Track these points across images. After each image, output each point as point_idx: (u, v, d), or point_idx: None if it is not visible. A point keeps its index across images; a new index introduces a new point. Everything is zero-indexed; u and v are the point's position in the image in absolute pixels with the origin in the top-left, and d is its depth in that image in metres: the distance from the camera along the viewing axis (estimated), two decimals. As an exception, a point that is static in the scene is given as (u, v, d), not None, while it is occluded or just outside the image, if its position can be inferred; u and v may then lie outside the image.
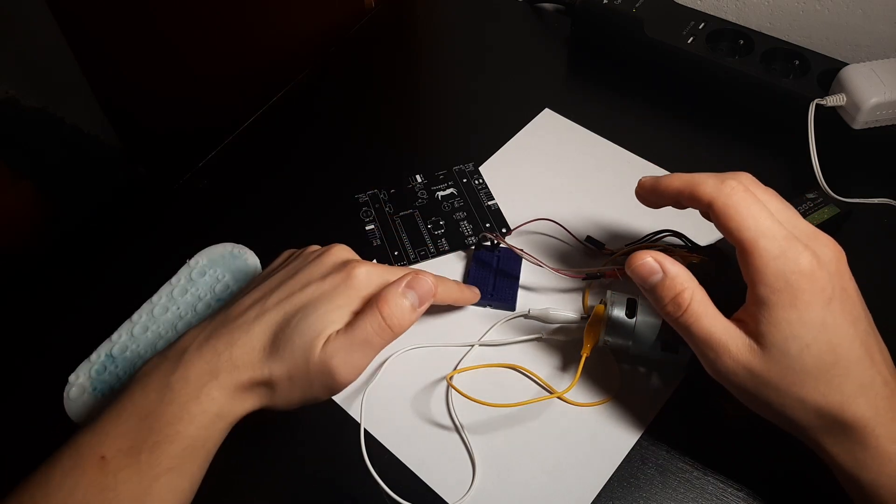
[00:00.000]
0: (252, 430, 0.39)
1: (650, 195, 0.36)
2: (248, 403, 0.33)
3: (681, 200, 0.34)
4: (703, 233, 0.45)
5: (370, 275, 0.35)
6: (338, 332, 0.33)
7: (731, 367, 0.31)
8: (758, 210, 0.31)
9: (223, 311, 0.35)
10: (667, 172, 0.49)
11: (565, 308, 0.41)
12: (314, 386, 0.33)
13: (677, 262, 0.33)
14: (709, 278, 0.38)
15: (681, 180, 0.33)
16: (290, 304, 0.34)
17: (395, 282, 0.35)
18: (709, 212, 0.32)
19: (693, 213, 0.46)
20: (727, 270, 0.40)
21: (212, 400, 0.31)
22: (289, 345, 0.32)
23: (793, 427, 0.31)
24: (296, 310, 0.33)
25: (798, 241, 0.30)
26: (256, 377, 0.32)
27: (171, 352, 0.33)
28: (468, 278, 0.43)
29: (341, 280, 0.34)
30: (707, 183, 0.32)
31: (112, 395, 0.37)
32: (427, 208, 0.48)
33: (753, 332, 0.31)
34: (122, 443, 0.30)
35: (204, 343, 0.33)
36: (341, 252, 0.37)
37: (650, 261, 0.32)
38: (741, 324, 0.31)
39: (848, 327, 0.30)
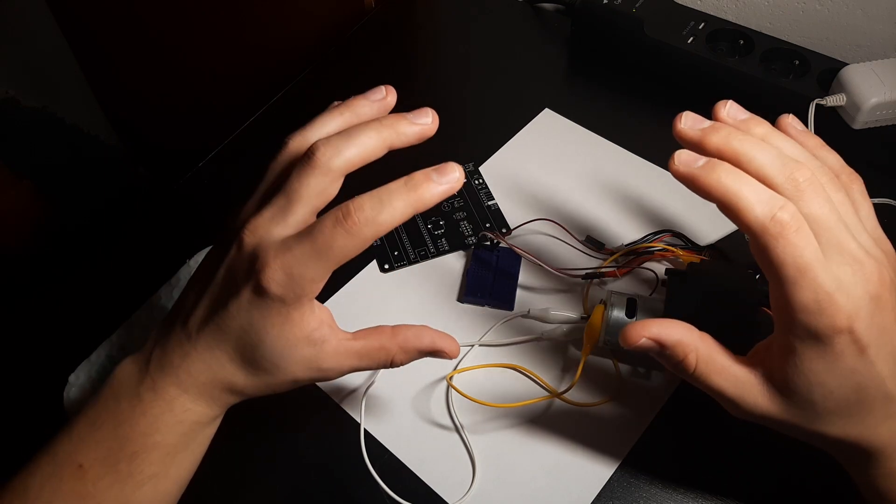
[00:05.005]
0: (252, 431, 0.39)
1: (686, 181, 0.28)
2: (227, 402, 0.33)
3: (719, 208, 0.28)
4: (704, 232, 0.45)
5: (285, 272, 0.29)
6: (337, 339, 0.31)
7: (747, 414, 0.30)
8: (806, 256, 0.26)
9: (178, 303, 0.33)
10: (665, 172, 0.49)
11: (565, 308, 0.41)
12: (299, 381, 0.32)
13: (672, 324, 0.29)
14: (710, 279, 0.38)
15: (723, 190, 0.27)
16: (224, 328, 0.30)
17: (423, 336, 0.33)
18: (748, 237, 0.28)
19: (693, 213, 0.46)
20: (727, 270, 0.40)
21: (185, 411, 0.31)
22: (254, 361, 0.30)
23: (810, 443, 0.31)
24: (232, 335, 0.30)
25: (840, 292, 0.26)
26: (227, 386, 0.31)
27: (140, 356, 0.32)
28: (467, 277, 0.43)
29: (254, 293, 0.29)
30: (754, 211, 0.26)
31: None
32: (427, 208, 0.48)
33: (775, 373, 0.29)
34: (99, 451, 0.30)
35: (162, 354, 0.31)
36: (249, 241, 0.30)
37: (645, 341, 0.29)
38: (760, 362, 0.29)
39: (881, 367, 0.27)
